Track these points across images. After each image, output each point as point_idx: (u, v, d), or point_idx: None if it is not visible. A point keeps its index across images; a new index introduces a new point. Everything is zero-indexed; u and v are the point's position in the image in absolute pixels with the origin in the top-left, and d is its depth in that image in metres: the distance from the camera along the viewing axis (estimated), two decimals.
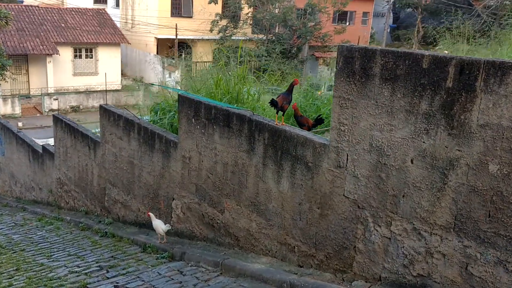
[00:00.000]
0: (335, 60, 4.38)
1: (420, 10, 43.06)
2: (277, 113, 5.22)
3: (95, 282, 5.91)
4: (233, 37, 34.44)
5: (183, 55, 33.94)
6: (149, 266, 6.32)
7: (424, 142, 3.79)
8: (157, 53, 36.04)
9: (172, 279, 5.64)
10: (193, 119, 6.32)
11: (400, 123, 3.92)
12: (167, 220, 7.18)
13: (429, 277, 3.91)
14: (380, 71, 4.00)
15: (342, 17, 44.37)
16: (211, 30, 35.22)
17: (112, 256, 6.91)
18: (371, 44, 46.72)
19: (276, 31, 36.44)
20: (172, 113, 7.35)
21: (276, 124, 5.18)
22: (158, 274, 5.87)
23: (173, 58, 33.97)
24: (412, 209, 3.95)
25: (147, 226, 7.78)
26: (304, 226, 4.96)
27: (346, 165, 4.42)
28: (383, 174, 4.12)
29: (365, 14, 46.40)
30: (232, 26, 35.37)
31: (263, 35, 35.20)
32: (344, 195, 4.49)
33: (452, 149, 3.63)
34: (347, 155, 4.39)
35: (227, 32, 35.41)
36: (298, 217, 5.01)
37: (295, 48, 35.73)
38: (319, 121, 5.65)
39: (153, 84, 8.45)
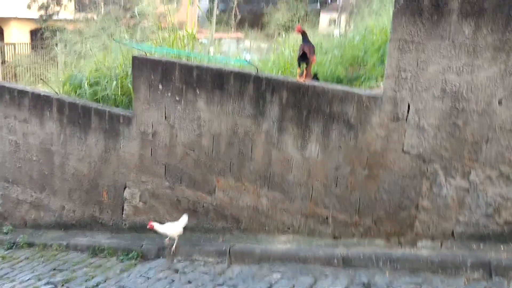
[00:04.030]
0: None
1: None
2: (299, 66, 4.50)
3: None
4: (56, 16, 30.80)
5: None
6: (118, 271, 5.05)
7: None
8: None
9: (173, 280, 4.55)
10: (159, 85, 5.15)
11: (485, 63, 3.62)
12: (116, 214, 5.86)
13: None
14: (460, 5, 3.62)
15: None
16: (29, 7, 30.92)
17: (54, 269, 5.36)
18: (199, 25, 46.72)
19: (103, 9, 33.68)
20: (115, 82, 5.94)
21: (298, 80, 4.46)
22: (147, 279, 4.69)
23: None
24: (498, 154, 3.71)
25: (78, 226, 6.30)
26: (343, 193, 4.40)
27: (407, 117, 3.98)
28: (459, 121, 3.79)
29: None
30: (55, 3, 31.60)
31: (92, 15, 32.19)
32: (403, 150, 4.05)
33: None
34: (409, 105, 3.95)
35: (49, 10, 31.54)
36: (334, 183, 4.42)
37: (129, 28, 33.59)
38: (314, 78, 5.07)
39: (116, 40, 6.73)
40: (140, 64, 5.24)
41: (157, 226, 4.92)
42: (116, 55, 6.49)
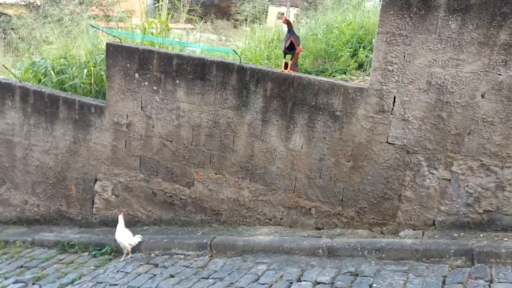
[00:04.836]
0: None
1: None
2: (284, 57, 4.47)
3: None
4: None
5: None
6: (93, 267, 4.87)
7: (500, 74, 3.70)
8: None
9: (155, 275, 4.43)
10: (136, 74, 4.99)
11: (470, 57, 3.75)
12: (85, 208, 5.64)
13: (497, 211, 3.92)
14: (447, 1, 3.73)
15: None
16: None
17: (21, 266, 5.09)
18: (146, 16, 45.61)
19: None
20: (85, 70, 5.65)
21: (283, 71, 4.45)
22: (126, 274, 4.55)
23: None
24: (480, 145, 3.86)
25: (43, 221, 6.01)
26: (326, 184, 4.44)
27: (393, 109, 4.06)
28: (444, 113, 3.91)
29: None
30: None
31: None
32: (387, 142, 4.14)
33: None
34: (395, 98, 4.04)
35: None
36: (318, 175, 4.45)
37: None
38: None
39: (94, 26, 6.33)
40: (115, 51, 5.04)
41: (119, 226, 4.81)
42: (83, 43, 6.22)
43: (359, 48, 7.34)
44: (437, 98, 3.91)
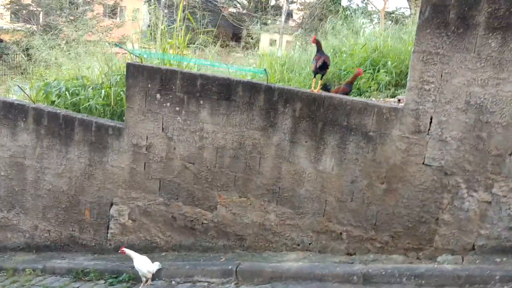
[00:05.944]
0: None
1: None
2: (314, 76, 4.37)
3: None
4: None
5: None
6: None
7: None
8: None
9: None
10: (157, 95, 4.85)
11: (511, 76, 3.66)
12: (100, 233, 5.41)
13: None
14: (486, 19, 3.66)
15: (113, 11, 42.22)
16: None
17: None
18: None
19: (41, 19, 32.18)
20: (103, 91, 5.50)
21: (312, 91, 4.34)
22: None
23: None
24: None
25: (53, 248, 5.76)
26: (359, 207, 4.28)
27: (429, 129, 3.94)
28: (483, 134, 3.80)
29: (136, 10, 45.17)
30: None
31: (31, 25, 30.68)
32: (424, 163, 4.01)
33: None
34: (431, 118, 3.92)
35: None
36: (349, 197, 4.30)
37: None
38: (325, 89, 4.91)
39: (117, 45, 6.21)
40: (135, 72, 4.91)
41: (134, 255, 4.60)
42: (97, 64, 6.09)
43: (373, 71, 7.31)
44: (476, 118, 3.80)
